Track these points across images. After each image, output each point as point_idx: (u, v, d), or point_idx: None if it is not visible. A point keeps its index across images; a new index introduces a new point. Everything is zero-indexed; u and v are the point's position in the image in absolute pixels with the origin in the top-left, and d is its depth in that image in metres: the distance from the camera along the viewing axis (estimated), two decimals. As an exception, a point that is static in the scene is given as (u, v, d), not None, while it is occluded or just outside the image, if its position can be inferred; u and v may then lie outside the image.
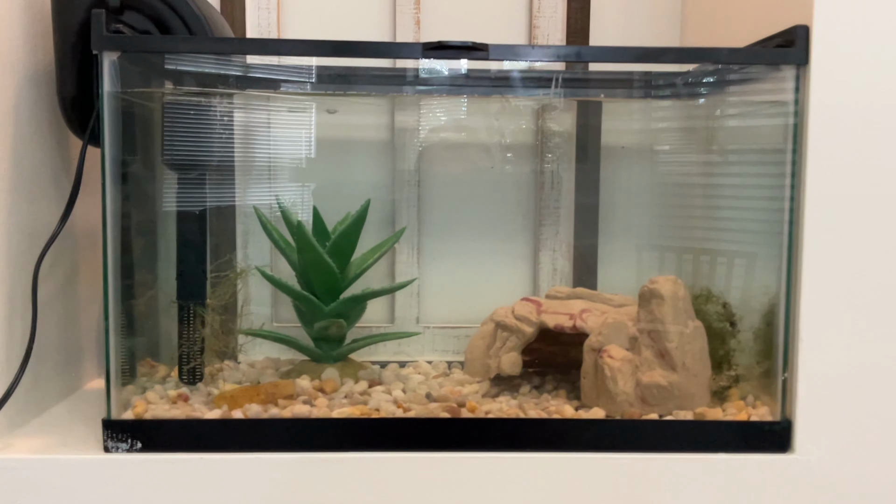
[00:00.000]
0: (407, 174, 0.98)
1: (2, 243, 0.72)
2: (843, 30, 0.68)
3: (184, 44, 0.73)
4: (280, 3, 0.99)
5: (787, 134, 0.71)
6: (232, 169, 0.87)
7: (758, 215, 0.79)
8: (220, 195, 0.84)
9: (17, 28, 0.75)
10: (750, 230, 0.82)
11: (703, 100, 0.90)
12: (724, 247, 0.86)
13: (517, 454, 0.70)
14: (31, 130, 0.77)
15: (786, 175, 0.72)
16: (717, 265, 0.86)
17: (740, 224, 0.84)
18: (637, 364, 0.74)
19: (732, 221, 0.86)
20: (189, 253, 0.79)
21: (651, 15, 1.03)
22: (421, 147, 0.98)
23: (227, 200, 0.89)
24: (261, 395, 0.74)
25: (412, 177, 0.98)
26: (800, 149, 0.70)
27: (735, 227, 0.86)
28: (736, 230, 0.85)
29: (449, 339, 0.99)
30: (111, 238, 0.70)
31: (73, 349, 0.87)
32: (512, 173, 1.00)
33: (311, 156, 0.92)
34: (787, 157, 0.71)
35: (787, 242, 0.72)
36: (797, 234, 0.71)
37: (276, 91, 0.85)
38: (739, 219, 0.85)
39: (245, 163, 0.89)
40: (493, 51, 0.70)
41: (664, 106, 0.94)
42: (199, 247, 0.80)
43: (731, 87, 0.86)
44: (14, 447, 0.70)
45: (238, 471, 0.68)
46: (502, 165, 1.00)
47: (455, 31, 1.01)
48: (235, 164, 0.87)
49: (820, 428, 0.71)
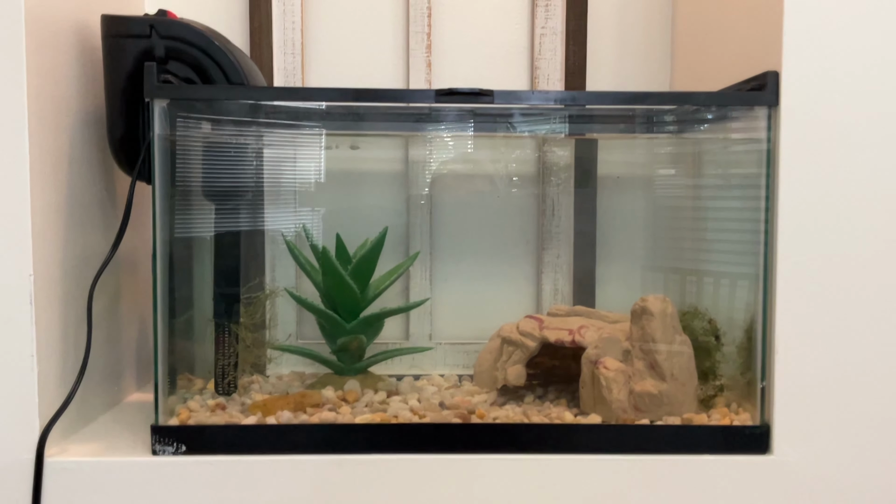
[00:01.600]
0: (420, 203, 1.05)
1: (59, 270, 0.80)
2: (809, 75, 0.75)
3: (226, 92, 0.81)
4: (304, 48, 1.07)
5: (762, 167, 0.79)
6: (262, 199, 0.95)
7: (739, 238, 0.86)
8: (252, 223, 0.92)
9: (72, 75, 0.83)
10: (732, 252, 0.89)
11: (689, 136, 0.97)
12: (710, 268, 0.93)
13: (522, 456, 0.76)
14: (83, 167, 0.85)
15: (761, 202, 0.79)
16: (704, 284, 0.93)
17: (724, 247, 0.91)
18: (630, 374, 0.81)
19: (717, 244, 0.93)
20: (224, 275, 0.87)
21: (643, 56, 1.10)
22: (432, 178, 1.05)
23: (258, 228, 0.96)
24: (291, 404, 0.81)
25: (425, 205, 1.05)
26: (773, 179, 0.77)
27: (719, 249, 0.92)
28: (720, 252, 0.92)
29: (459, 354, 1.05)
30: (161, 263, 0.78)
31: (116, 365, 0.95)
32: (516, 202, 1.07)
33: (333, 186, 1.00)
34: (763, 184, 0.79)
35: (763, 263, 0.79)
36: (772, 256, 0.77)
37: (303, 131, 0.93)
38: (723, 241, 0.91)
39: (274, 193, 0.96)
40: (497, 96, 0.77)
41: (655, 141, 1.02)
42: (233, 270, 0.87)
43: (713, 125, 0.93)
44: (69, 451, 0.77)
45: (272, 470, 0.75)
46: (507, 195, 1.06)
47: (463, 72, 1.08)
48: (265, 194, 0.95)
49: (796, 431, 0.77)
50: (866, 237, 0.77)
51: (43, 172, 0.76)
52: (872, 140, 0.76)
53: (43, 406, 0.75)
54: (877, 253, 0.77)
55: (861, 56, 0.76)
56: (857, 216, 0.77)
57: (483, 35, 1.09)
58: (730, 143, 0.90)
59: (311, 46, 1.08)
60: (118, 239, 0.83)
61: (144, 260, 1.02)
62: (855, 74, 0.76)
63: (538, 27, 1.07)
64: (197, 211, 0.87)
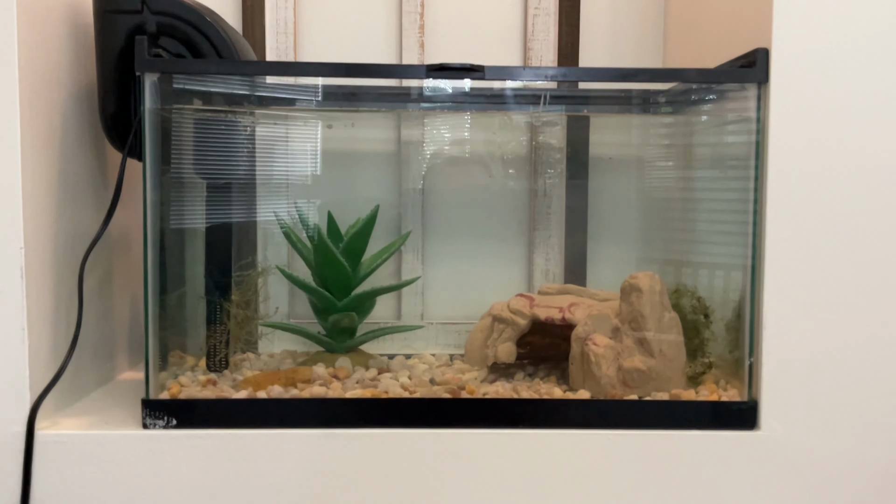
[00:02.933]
0: (412, 183, 1.06)
1: (50, 244, 0.80)
2: (798, 51, 0.76)
3: (216, 66, 0.81)
4: (296, 28, 1.07)
5: (751, 145, 0.79)
6: (254, 177, 0.95)
7: (728, 218, 0.87)
8: (243, 201, 0.92)
9: (64, 50, 0.83)
10: (722, 232, 0.89)
11: (682, 115, 0.98)
12: (700, 248, 0.93)
13: (512, 431, 0.77)
14: (75, 143, 0.85)
15: (750, 181, 0.79)
16: (694, 264, 0.94)
17: (714, 227, 0.92)
18: (619, 351, 0.82)
19: (707, 224, 0.94)
20: (216, 253, 0.87)
21: (636, 37, 1.10)
22: (425, 158, 1.05)
23: (250, 206, 0.97)
24: (281, 379, 0.82)
25: (416, 185, 1.05)
26: (762, 158, 0.78)
27: (709, 229, 0.93)
28: (710, 232, 0.93)
29: (451, 333, 1.05)
30: (151, 240, 0.78)
31: (108, 343, 0.95)
32: (508, 182, 1.08)
33: (324, 166, 1.00)
34: (751, 165, 0.79)
35: (751, 242, 0.79)
36: (760, 235, 0.78)
37: (295, 108, 0.93)
38: (713, 221, 0.92)
39: (265, 172, 0.96)
40: (489, 72, 0.78)
41: (647, 121, 1.02)
42: (224, 247, 0.88)
43: (704, 105, 0.94)
44: (61, 425, 0.77)
45: (263, 444, 0.76)
46: (499, 175, 1.07)
47: (456, 53, 1.08)
48: (257, 173, 0.95)
49: (783, 407, 0.78)
50: (855, 215, 0.77)
51: (34, 147, 0.76)
52: (862, 117, 0.77)
53: (34, 379, 0.76)
54: (865, 231, 0.77)
55: (851, 32, 0.76)
56: (845, 194, 0.77)
57: (476, 16, 1.09)
58: (720, 122, 0.90)
59: (304, 26, 1.08)
60: (109, 215, 0.83)
61: (137, 239, 1.02)
62: (845, 51, 0.76)
63: (531, 8, 1.07)
64: (188, 189, 0.87)
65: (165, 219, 0.82)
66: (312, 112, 0.96)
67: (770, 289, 0.77)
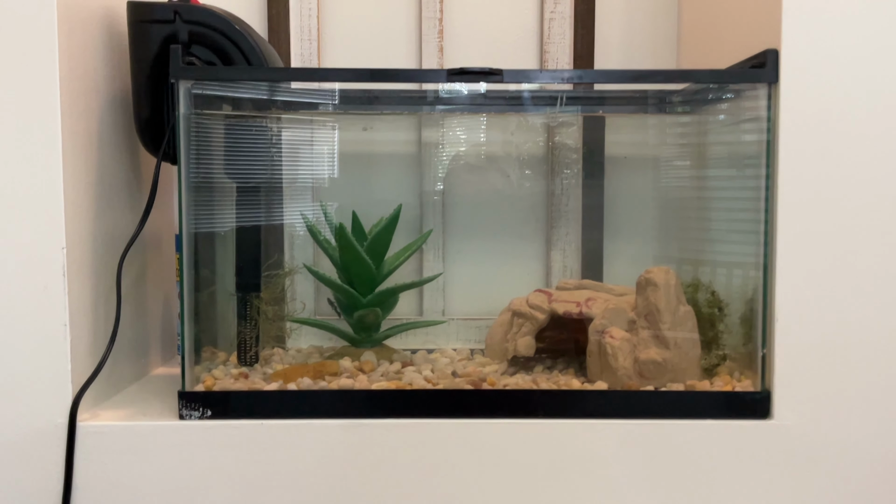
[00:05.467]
0: (432, 183, 1.08)
1: (90, 245, 0.83)
2: (808, 52, 0.78)
3: (247, 73, 0.85)
4: (320, 35, 1.10)
5: (762, 144, 0.81)
6: (281, 179, 0.98)
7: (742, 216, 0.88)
8: (271, 202, 0.95)
9: (100, 58, 0.87)
10: (736, 231, 0.91)
11: (695, 115, 1.00)
12: (714, 244, 0.95)
13: (531, 420, 0.80)
14: (111, 148, 0.89)
15: (762, 178, 0.81)
16: (708, 259, 0.96)
17: (727, 224, 0.94)
18: (635, 343, 0.84)
19: (720, 221, 0.95)
20: (245, 252, 0.91)
21: (650, 40, 1.12)
22: (445, 159, 1.08)
23: (277, 207, 1.00)
24: (310, 372, 0.85)
25: (437, 185, 1.08)
26: (773, 155, 0.80)
27: (722, 225, 0.95)
28: (723, 228, 0.94)
29: (472, 329, 1.08)
30: (186, 240, 0.82)
31: (143, 339, 0.99)
32: (525, 182, 1.10)
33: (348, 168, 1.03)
34: (763, 163, 0.81)
35: (764, 237, 0.81)
36: (772, 229, 0.80)
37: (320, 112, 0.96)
38: (726, 219, 0.94)
39: (292, 172, 1.00)
40: (507, 75, 0.81)
41: (661, 121, 1.04)
42: (254, 247, 0.91)
43: (717, 105, 0.96)
44: (101, 416, 0.81)
45: (293, 434, 0.79)
46: (517, 175, 1.09)
47: (474, 57, 1.11)
48: (284, 174, 0.99)
49: (795, 397, 0.80)
50: (864, 211, 0.79)
51: (74, 152, 0.80)
52: (872, 115, 0.79)
53: (75, 373, 0.79)
54: (874, 227, 0.79)
55: (860, 32, 0.78)
56: (856, 190, 0.79)
57: (493, 21, 1.12)
58: (733, 122, 0.93)
59: (327, 33, 1.11)
60: (144, 216, 0.86)
61: (169, 239, 1.06)
62: (854, 50, 0.78)
63: (547, 11, 1.10)
64: (219, 191, 0.90)
65: (199, 220, 0.85)
66: (336, 115, 0.99)
67: (782, 282, 0.79)
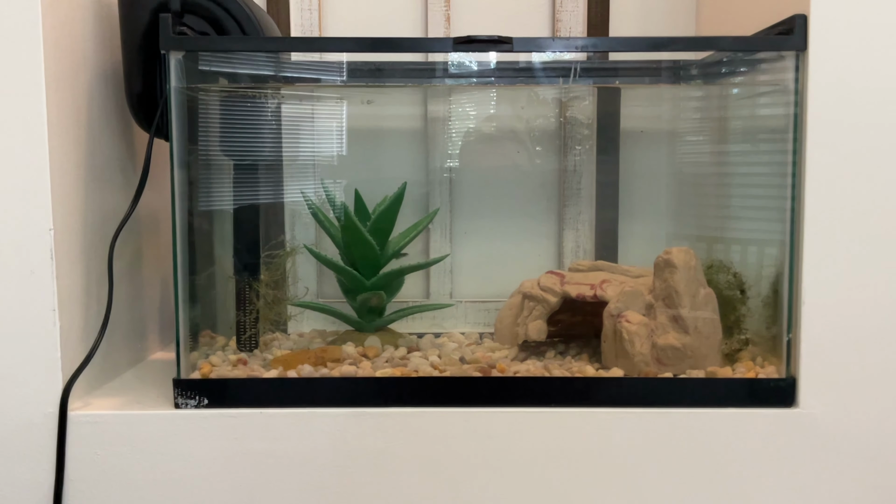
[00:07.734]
0: (439, 160, 1.04)
1: (79, 226, 0.80)
2: (838, 18, 0.74)
3: (241, 43, 0.81)
4: (321, 4, 1.06)
5: (789, 116, 0.77)
6: (280, 156, 0.94)
7: (765, 193, 0.85)
8: (270, 181, 0.91)
9: (88, 31, 0.83)
10: (759, 208, 0.87)
11: (716, 86, 0.95)
12: (736, 222, 0.91)
13: (544, 409, 0.76)
14: (101, 124, 0.85)
15: (788, 153, 0.77)
16: (730, 239, 0.92)
17: (750, 201, 0.90)
18: (652, 328, 0.80)
19: (743, 197, 0.91)
20: (244, 233, 0.87)
21: (668, 7, 1.08)
22: (452, 134, 1.04)
23: (277, 186, 0.96)
24: (311, 359, 0.82)
25: (444, 162, 1.04)
26: (801, 129, 0.76)
27: (745, 203, 0.91)
28: (746, 206, 0.90)
29: (480, 312, 1.05)
30: (180, 220, 0.78)
31: (139, 323, 0.96)
32: (536, 158, 1.06)
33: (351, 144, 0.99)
34: (790, 137, 0.77)
35: (790, 215, 0.77)
36: (799, 208, 0.76)
37: (321, 85, 0.92)
38: (749, 196, 0.90)
39: (292, 151, 0.96)
40: (517, 43, 0.76)
41: (679, 92, 1.00)
42: (252, 227, 0.87)
43: (740, 75, 0.91)
44: (94, 405, 0.78)
45: (293, 423, 0.76)
46: (528, 150, 1.05)
47: (483, 26, 1.06)
48: (283, 151, 0.95)
49: (822, 384, 0.76)
50: (897, 186, 0.75)
51: (60, 128, 0.76)
52: (905, 85, 0.74)
53: (65, 360, 0.76)
54: (908, 202, 0.75)
55: (894, -3, 0.73)
56: (890, 166, 0.75)
57: (502, -12, 1.07)
58: (756, 93, 0.88)
59: (329, 3, 1.07)
60: (137, 196, 0.83)
61: (165, 220, 1.02)
62: (887, 16, 0.74)
63: (559, -22, 1.05)
64: (216, 169, 0.87)
65: (194, 199, 0.82)
66: (338, 89, 0.95)
67: (809, 263, 0.75)
